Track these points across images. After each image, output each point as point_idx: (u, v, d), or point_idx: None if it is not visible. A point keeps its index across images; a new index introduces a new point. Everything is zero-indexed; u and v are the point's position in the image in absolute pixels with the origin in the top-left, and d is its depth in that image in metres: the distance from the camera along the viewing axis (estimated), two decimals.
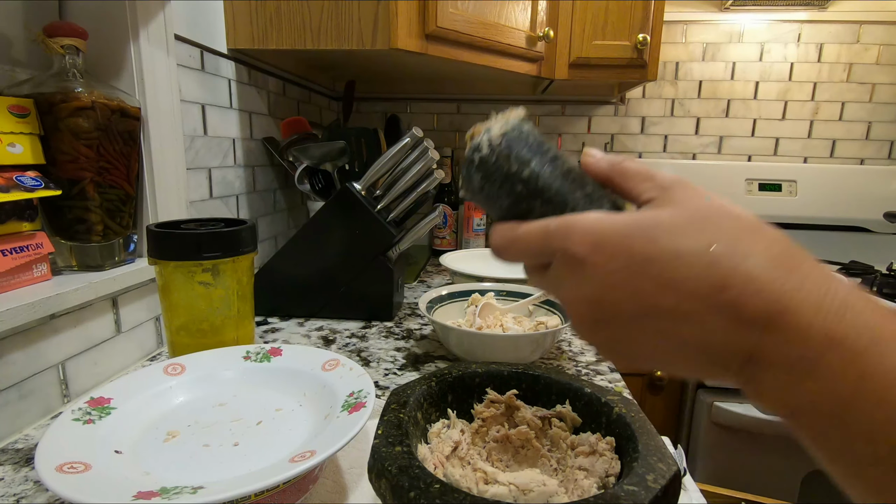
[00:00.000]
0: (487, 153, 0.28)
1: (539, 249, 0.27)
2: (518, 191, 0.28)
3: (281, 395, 0.48)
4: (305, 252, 0.81)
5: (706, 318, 0.22)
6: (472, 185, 0.29)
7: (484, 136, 0.28)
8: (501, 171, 0.28)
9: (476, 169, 0.28)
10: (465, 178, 0.29)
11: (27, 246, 0.52)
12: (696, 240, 0.23)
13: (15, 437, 0.49)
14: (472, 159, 0.28)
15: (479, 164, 0.28)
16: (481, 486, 0.34)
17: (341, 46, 0.86)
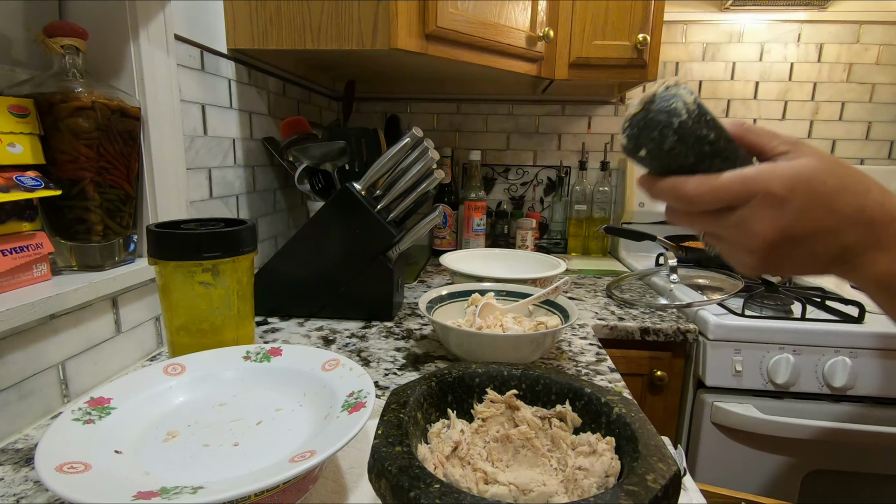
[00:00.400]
0: (686, 118, 0.31)
1: (737, 194, 0.32)
2: (705, 151, 0.32)
3: (281, 395, 0.48)
4: (305, 252, 0.81)
5: (848, 231, 0.32)
6: (662, 145, 0.32)
7: (676, 101, 0.31)
8: (695, 134, 0.32)
9: (673, 132, 0.31)
10: (654, 139, 0.32)
11: (27, 246, 0.52)
12: (842, 179, 0.32)
13: (15, 437, 0.49)
14: (668, 122, 0.31)
15: (677, 127, 0.31)
16: (481, 486, 0.34)
17: (341, 46, 0.86)
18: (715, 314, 0.89)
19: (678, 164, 0.33)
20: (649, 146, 0.32)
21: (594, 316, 0.92)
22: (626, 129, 0.34)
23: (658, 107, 0.32)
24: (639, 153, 0.33)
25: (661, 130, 0.31)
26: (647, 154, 0.33)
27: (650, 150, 0.32)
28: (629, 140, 0.33)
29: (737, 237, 0.34)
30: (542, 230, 1.58)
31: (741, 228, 0.33)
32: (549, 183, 1.59)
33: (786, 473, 0.90)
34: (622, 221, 1.46)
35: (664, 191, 0.35)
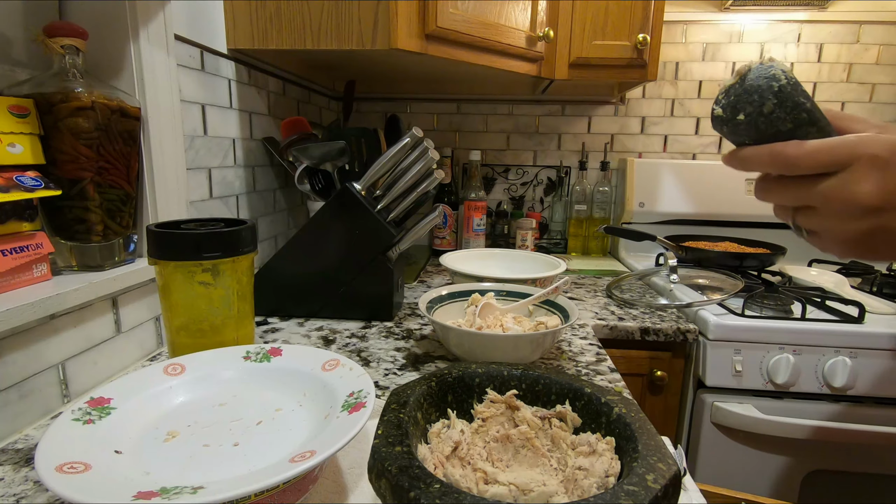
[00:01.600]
0: (785, 83, 0.32)
1: (840, 156, 0.32)
2: (802, 118, 0.33)
3: (281, 395, 0.48)
4: (305, 252, 0.81)
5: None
6: (762, 108, 0.33)
7: (775, 69, 0.33)
8: (793, 99, 0.33)
9: (773, 94, 0.32)
10: (754, 102, 0.33)
11: (27, 246, 0.52)
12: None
13: (15, 437, 0.49)
14: (768, 86, 0.32)
15: (777, 90, 0.32)
16: (481, 486, 0.34)
17: (341, 46, 0.86)
18: (715, 314, 0.89)
19: (775, 130, 0.33)
20: (748, 110, 0.33)
21: (594, 316, 0.92)
22: (722, 100, 0.34)
23: (756, 74, 0.33)
24: (737, 117, 0.34)
25: (760, 94, 0.32)
26: (745, 119, 0.33)
27: (749, 113, 0.33)
28: (726, 108, 0.34)
29: (835, 205, 0.33)
30: (542, 230, 1.58)
31: (842, 193, 0.32)
32: (549, 183, 1.59)
33: (786, 473, 0.90)
34: (622, 221, 1.46)
35: (760, 156, 0.34)
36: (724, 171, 1.45)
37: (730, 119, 0.34)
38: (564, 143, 1.56)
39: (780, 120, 0.33)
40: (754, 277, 1.11)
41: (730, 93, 0.34)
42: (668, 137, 1.54)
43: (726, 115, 0.34)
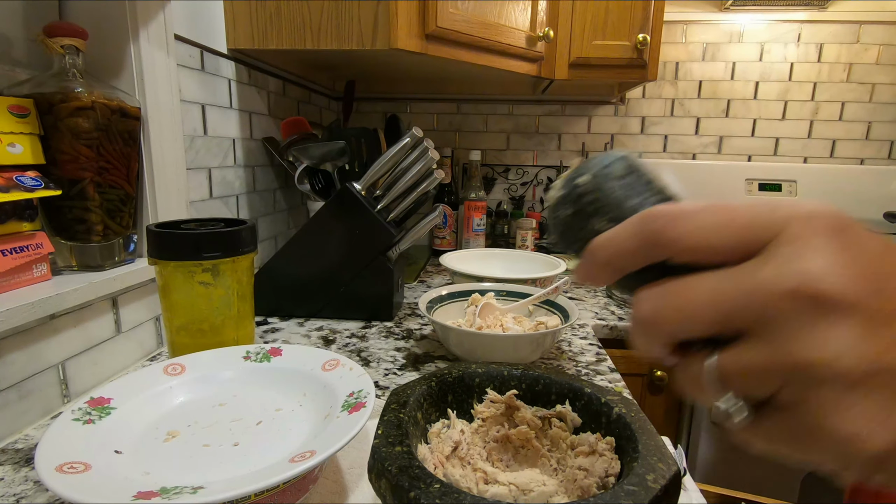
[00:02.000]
0: (629, 154, 0.24)
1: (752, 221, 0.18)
2: (660, 189, 0.24)
3: (281, 395, 0.48)
4: (305, 252, 0.81)
5: None
6: (609, 172, 0.23)
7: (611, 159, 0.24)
8: (646, 172, 0.24)
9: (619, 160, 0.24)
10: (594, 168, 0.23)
11: (27, 246, 0.52)
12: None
13: (15, 437, 0.49)
14: (610, 155, 0.24)
15: (621, 157, 0.24)
16: (481, 486, 0.34)
17: (341, 46, 0.86)
18: None
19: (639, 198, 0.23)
20: (594, 170, 0.24)
21: (594, 316, 0.92)
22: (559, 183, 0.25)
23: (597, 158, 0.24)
24: (576, 180, 0.24)
25: (602, 160, 0.24)
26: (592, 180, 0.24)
27: (595, 175, 0.24)
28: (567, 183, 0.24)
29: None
30: (542, 230, 1.58)
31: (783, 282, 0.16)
32: (549, 183, 1.59)
33: (786, 473, 0.90)
34: None
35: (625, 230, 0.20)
36: (724, 170, 1.45)
37: (569, 192, 0.24)
38: (564, 143, 1.56)
39: (634, 190, 0.23)
40: None
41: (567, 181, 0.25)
42: (668, 137, 1.54)
43: (565, 189, 0.24)
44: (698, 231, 0.18)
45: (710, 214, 0.18)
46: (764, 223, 0.17)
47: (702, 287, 0.18)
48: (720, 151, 1.54)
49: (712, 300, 0.18)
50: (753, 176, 1.44)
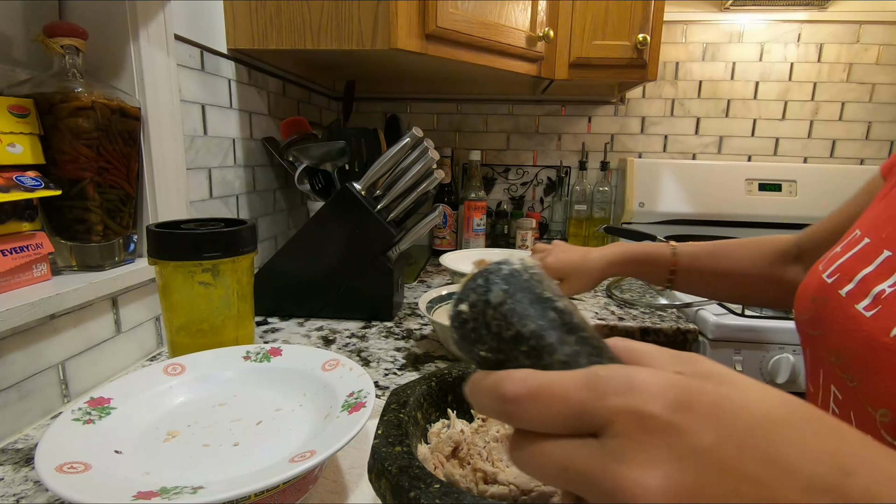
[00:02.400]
0: (519, 266, 0.23)
1: (582, 406, 0.18)
2: (551, 317, 0.22)
3: (281, 395, 0.48)
4: (305, 252, 0.81)
5: None
6: (488, 297, 0.22)
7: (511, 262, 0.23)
8: (532, 290, 0.22)
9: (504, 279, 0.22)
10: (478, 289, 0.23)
11: (27, 246, 0.52)
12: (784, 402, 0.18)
13: (15, 437, 0.49)
14: (496, 269, 0.23)
15: (508, 274, 0.23)
16: (481, 486, 0.34)
17: (341, 46, 0.86)
18: (715, 314, 0.89)
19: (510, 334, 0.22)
20: (471, 298, 0.23)
21: (594, 316, 0.92)
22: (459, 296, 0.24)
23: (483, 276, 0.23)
24: (459, 308, 0.23)
25: (485, 276, 0.23)
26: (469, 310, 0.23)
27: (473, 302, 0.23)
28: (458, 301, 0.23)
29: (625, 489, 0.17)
30: (542, 230, 1.58)
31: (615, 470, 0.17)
32: (549, 183, 1.59)
33: None
34: (622, 221, 1.47)
35: (483, 388, 0.21)
36: (724, 170, 1.45)
37: (454, 318, 0.23)
38: (564, 143, 1.56)
39: (514, 314, 0.22)
40: None
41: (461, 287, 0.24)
42: (668, 137, 1.54)
43: (453, 310, 0.23)
44: (535, 419, 0.19)
45: (547, 399, 0.19)
46: (592, 414, 0.18)
47: (552, 452, 0.19)
48: (720, 151, 1.54)
49: (561, 466, 0.19)
50: (753, 176, 1.44)
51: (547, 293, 0.23)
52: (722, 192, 1.42)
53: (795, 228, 1.41)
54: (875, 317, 0.35)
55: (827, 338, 0.39)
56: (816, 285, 0.43)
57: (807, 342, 0.44)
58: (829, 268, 0.42)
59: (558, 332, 0.22)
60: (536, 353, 0.22)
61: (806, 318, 0.43)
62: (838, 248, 0.44)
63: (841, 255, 0.42)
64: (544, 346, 0.21)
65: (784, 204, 1.41)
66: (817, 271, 0.44)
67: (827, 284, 0.41)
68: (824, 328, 0.40)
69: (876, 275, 0.37)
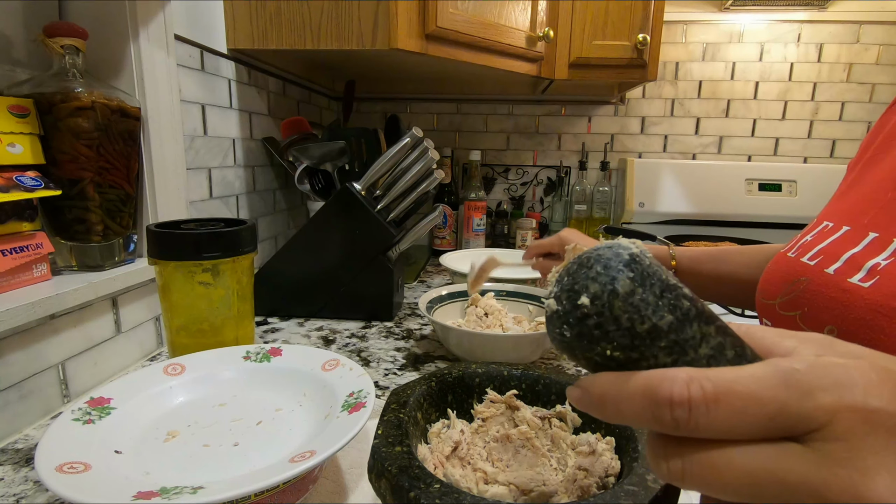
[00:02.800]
0: (638, 252, 0.20)
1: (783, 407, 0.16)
2: (685, 307, 0.20)
3: (281, 395, 0.48)
4: (305, 252, 0.81)
5: None
6: (615, 287, 0.19)
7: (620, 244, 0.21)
8: (658, 276, 0.20)
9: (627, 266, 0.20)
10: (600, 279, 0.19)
11: (27, 246, 0.52)
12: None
13: (15, 437, 0.49)
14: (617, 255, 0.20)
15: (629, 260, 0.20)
16: (481, 486, 0.34)
17: (341, 46, 0.86)
18: None
19: (649, 325, 0.19)
20: (593, 289, 0.20)
21: None
22: (553, 288, 0.21)
23: (594, 250, 0.21)
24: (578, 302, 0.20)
25: (605, 263, 0.20)
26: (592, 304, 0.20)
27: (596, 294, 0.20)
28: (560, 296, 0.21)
29: None
30: (542, 230, 1.58)
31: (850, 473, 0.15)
32: (549, 183, 1.59)
33: None
34: (622, 221, 1.47)
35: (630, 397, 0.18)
36: (724, 170, 1.45)
37: (569, 310, 0.20)
38: (564, 143, 1.56)
39: (647, 305, 0.19)
40: None
41: (561, 278, 0.21)
42: (668, 137, 1.54)
43: (563, 305, 0.20)
44: (724, 424, 0.16)
45: (736, 400, 0.16)
46: (802, 416, 0.16)
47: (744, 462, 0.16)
48: (720, 151, 1.54)
49: (757, 478, 0.16)
50: (753, 176, 1.44)
51: (672, 279, 0.20)
52: (722, 192, 1.42)
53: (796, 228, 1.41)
54: (876, 286, 0.35)
55: (815, 315, 0.40)
56: (792, 268, 0.43)
57: (782, 324, 0.44)
58: (807, 253, 0.43)
59: (697, 323, 0.19)
60: (679, 348, 0.19)
61: (781, 301, 0.44)
62: (808, 237, 0.45)
63: (817, 243, 0.43)
64: (687, 340, 0.19)
65: (784, 204, 1.41)
66: (786, 258, 0.45)
67: (808, 266, 0.42)
68: (811, 306, 0.40)
69: (865, 253, 0.38)
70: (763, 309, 0.48)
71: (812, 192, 1.41)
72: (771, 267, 0.48)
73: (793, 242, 0.48)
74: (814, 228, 0.46)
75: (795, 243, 0.47)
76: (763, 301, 0.47)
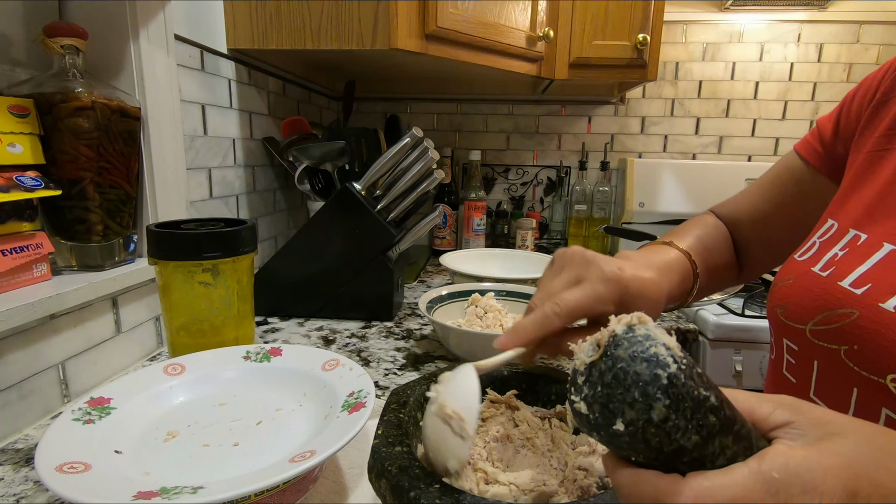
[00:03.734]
0: (676, 369, 0.21)
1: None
2: (711, 423, 0.21)
3: (281, 395, 0.48)
4: (305, 252, 0.81)
5: None
6: (650, 414, 0.21)
7: (655, 344, 0.22)
8: (692, 395, 0.21)
9: (664, 392, 0.20)
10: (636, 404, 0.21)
11: (27, 246, 0.52)
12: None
13: (15, 437, 0.49)
14: (654, 377, 0.21)
15: (667, 384, 0.20)
16: (481, 486, 0.34)
17: (341, 46, 0.86)
18: (715, 314, 0.89)
19: (675, 447, 0.21)
20: (629, 416, 0.21)
21: None
22: (584, 387, 0.23)
23: (629, 352, 0.21)
24: (613, 426, 0.21)
25: (643, 390, 0.21)
26: (626, 430, 0.21)
27: (631, 421, 0.21)
28: (592, 404, 0.22)
29: None
30: (542, 230, 1.58)
31: None
32: (549, 183, 1.59)
33: None
34: (622, 221, 1.46)
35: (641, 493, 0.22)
36: (724, 170, 1.45)
37: (602, 425, 0.22)
38: (564, 143, 1.56)
39: (678, 430, 0.20)
40: None
41: (593, 376, 0.22)
42: (668, 137, 1.54)
43: (595, 417, 0.22)
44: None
45: None
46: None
47: None
48: (720, 151, 1.54)
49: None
50: (753, 176, 1.43)
51: (703, 391, 0.21)
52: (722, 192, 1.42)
53: None
54: None
55: (872, 358, 0.34)
56: (828, 293, 0.38)
57: (814, 353, 0.39)
58: (846, 275, 0.37)
59: (720, 438, 0.21)
60: (698, 463, 0.21)
61: (814, 328, 0.39)
62: (836, 250, 0.40)
63: (855, 263, 0.38)
64: (706, 456, 0.21)
65: None
66: (814, 276, 0.40)
67: (853, 295, 0.36)
68: (864, 346, 0.35)
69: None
70: (783, 328, 0.43)
71: None
72: (795, 284, 0.42)
73: (814, 251, 0.43)
74: (840, 238, 0.40)
75: (820, 255, 0.41)
76: (786, 322, 0.42)
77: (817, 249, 0.43)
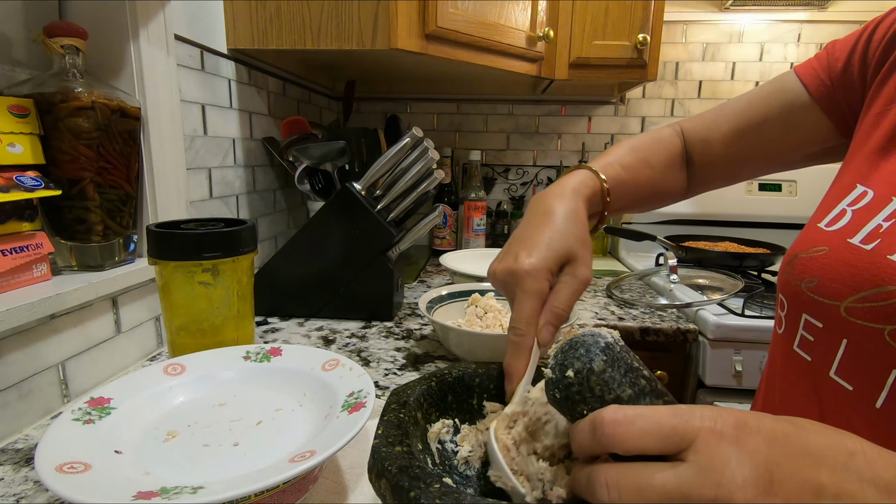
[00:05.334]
0: (612, 341, 0.29)
1: (672, 428, 0.24)
2: (641, 385, 0.29)
3: (281, 395, 0.48)
4: (305, 252, 0.81)
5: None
6: (591, 365, 0.28)
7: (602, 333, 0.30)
8: (625, 361, 0.29)
9: (602, 351, 0.28)
10: (581, 358, 0.28)
11: (27, 246, 0.52)
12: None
13: (15, 437, 0.49)
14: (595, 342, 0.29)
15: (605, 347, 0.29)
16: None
17: (341, 46, 0.86)
18: (715, 314, 0.89)
19: (613, 396, 0.28)
20: (576, 366, 0.28)
21: (594, 316, 0.92)
22: (551, 360, 0.30)
23: (582, 333, 0.30)
24: (565, 374, 0.29)
25: (587, 348, 0.28)
26: (575, 377, 0.28)
27: (578, 370, 0.28)
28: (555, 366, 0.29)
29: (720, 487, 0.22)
30: None
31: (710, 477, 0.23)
32: (549, 183, 1.59)
33: None
34: (622, 221, 1.46)
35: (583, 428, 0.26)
36: None
37: (559, 378, 0.29)
38: (564, 143, 1.56)
39: (614, 381, 0.27)
40: (754, 277, 1.11)
41: (558, 354, 0.30)
42: None
43: (556, 374, 0.29)
44: (633, 438, 0.24)
45: (644, 422, 0.24)
46: (681, 434, 0.24)
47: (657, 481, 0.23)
48: None
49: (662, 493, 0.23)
50: None
51: (636, 363, 0.29)
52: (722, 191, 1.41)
53: (796, 228, 1.41)
54: None
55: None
56: (875, 266, 0.35)
57: (845, 331, 0.36)
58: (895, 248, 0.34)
59: (650, 398, 0.28)
60: (655, 393, 0.28)
61: (852, 305, 0.36)
62: (880, 220, 0.36)
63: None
64: (663, 393, 0.28)
65: (784, 204, 1.41)
66: (853, 248, 0.37)
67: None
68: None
69: None
70: (807, 303, 0.40)
71: (812, 192, 1.40)
72: (830, 257, 0.38)
73: (847, 220, 0.39)
74: (880, 207, 0.37)
75: (857, 225, 0.38)
76: (814, 297, 0.39)
77: (851, 218, 0.38)
